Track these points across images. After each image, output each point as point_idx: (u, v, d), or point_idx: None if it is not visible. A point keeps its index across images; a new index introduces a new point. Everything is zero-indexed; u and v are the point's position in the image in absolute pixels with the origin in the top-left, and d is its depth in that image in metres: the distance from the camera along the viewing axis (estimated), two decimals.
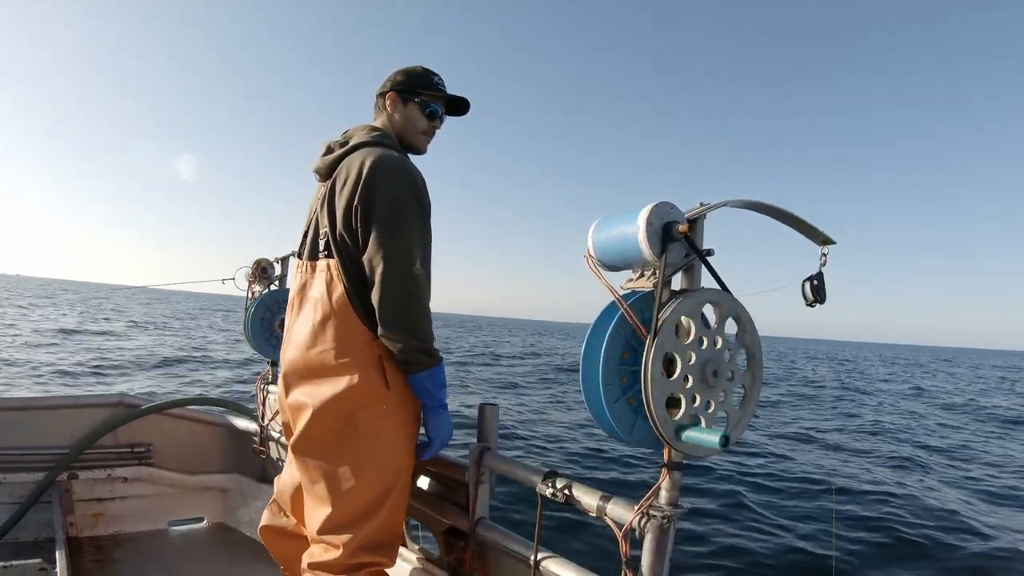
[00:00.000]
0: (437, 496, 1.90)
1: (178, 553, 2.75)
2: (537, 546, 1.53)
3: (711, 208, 1.16)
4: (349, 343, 1.56)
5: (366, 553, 1.56)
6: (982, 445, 11.00)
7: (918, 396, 20.18)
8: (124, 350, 16.97)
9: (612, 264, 1.25)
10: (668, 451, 1.18)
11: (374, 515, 1.56)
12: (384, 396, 1.56)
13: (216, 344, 21.38)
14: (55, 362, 13.39)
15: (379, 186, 1.53)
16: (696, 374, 1.14)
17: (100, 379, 11.93)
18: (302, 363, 1.61)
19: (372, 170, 1.54)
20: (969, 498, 6.91)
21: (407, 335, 1.51)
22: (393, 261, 1.50)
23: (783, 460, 8.05)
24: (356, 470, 1.55)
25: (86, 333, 21.56)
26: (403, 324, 1.51)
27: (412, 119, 1.75)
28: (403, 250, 1.51)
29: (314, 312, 1.61)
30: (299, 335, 1.64)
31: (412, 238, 1.53)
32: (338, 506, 1.56)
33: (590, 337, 1.19)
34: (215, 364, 15.76)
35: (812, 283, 1.15)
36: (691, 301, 1.14)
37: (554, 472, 1.51)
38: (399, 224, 1.52)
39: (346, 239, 1.57)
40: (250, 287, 2.94)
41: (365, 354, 1.56)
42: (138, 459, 2.82)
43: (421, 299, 1.53)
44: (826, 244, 1.17)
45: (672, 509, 1.19)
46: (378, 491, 1.57)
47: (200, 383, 12.03)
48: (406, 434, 1.61)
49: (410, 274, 1.51)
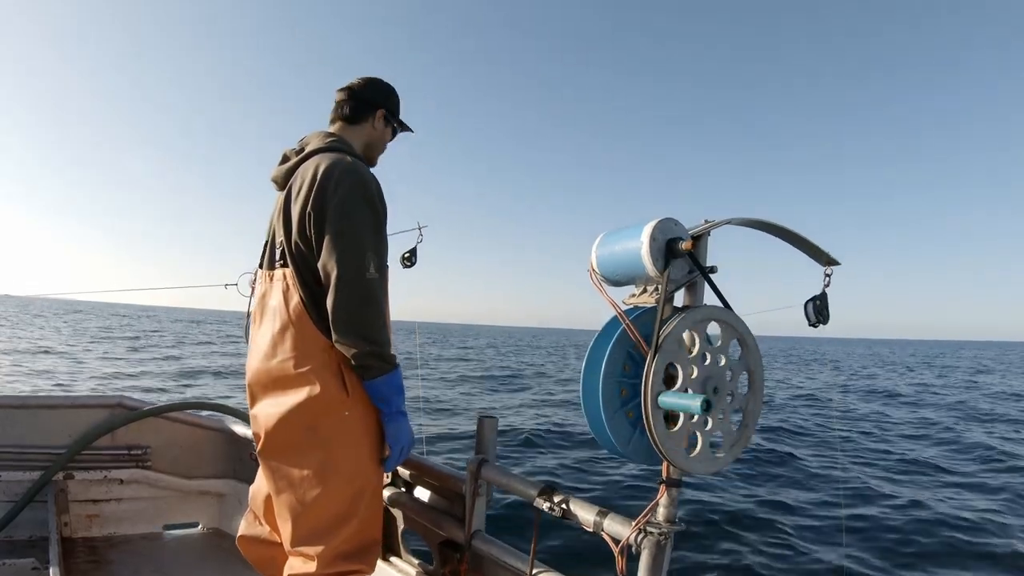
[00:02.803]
0: (434, 508, 1.89)
1: (172, 557, 2.74)
2: (533, 560, 1.52)
3: (715, 225, 1.16)
4: (307, 351, 1.56)
5: (343, 561, 1.56)
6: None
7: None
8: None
9: (615, 279, 1.25)
10: (666, 467, 1.18)
11: (346, 523, 1.56)
12: (344, 402, 1.56)
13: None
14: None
15: (331, 191, 1.53)
16: (696, 388, 1.14)
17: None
18: (264, 373, 1.61)
19: (325, 175, 1.54)
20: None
21: (361, 340, 1.50)
22: (346, 266, 1.50)
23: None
24: (322, 478, 1.55)
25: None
26: (356, 329, 1.50)
27: (384, 139, 1.82)
28: (356, 255, 1.51)
29: (273, 322, 1.61)
30: (260, 345, 1.64)
31: (365, 243, 1.53)
32: (308, 515, 1.56)
33: (592, 349, 1.19)
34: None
35: (815, 304, 1.15)
36: (693, 318, 1.14)
37: (551, 487, 1.51)
38: (352, 229, 1.52)
39: (300, 246, 1.57)
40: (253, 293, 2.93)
41: (323, 361, 1.55)
42: (135, 461, 2.81)
43: (375, 304, 1.53)
44: (830, 264, 1.17)
45: (670, 526, 1.18)
46: (347, 498, 1.57)
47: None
48: (368, 440, 1.61)
49: (363, 279, 1.51)
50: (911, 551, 5.12)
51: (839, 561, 4.82)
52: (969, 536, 5.48)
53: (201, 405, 3.11)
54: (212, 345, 29.81)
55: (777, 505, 6.20)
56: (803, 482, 7.31)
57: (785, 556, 4.88)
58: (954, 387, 22.61)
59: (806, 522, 5.73)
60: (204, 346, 28.66)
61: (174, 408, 2.91)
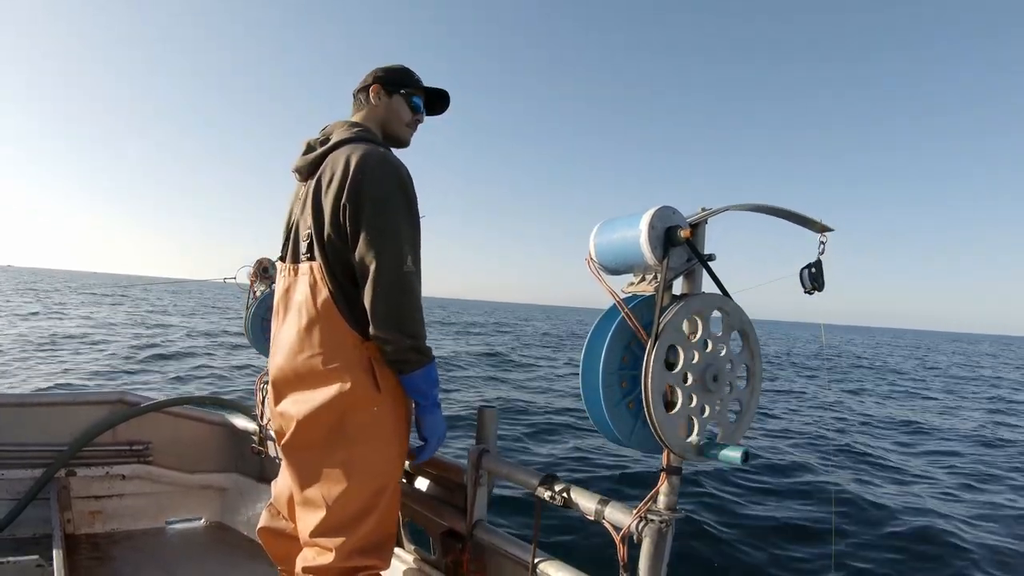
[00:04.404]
0: (435, 498, 1.90)
1: (175, 551, 2.75)
2: (535, 549, 1.53)
3: (713, 213, 1.16)
4: (337, 347, 1.54)
5: (360, 556, 1.55)
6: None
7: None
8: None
9: (614, 268, 1.25)
10: (667, 455, 1.18)
11: (367, 518, 1.56)
12: (375, 399, 1.54)
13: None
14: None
15: (367, 183, 1.50)
16: (696, 374, 1.14)
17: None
18: (290, 370, 1.59)
19: (359, 167, 1.51)
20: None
21: (400, 334, 1.49)
22: (384, 259, 1.48)
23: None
24: (348, 473, 1.54)
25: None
26: (396, 322, 1.49)
27: (397, 110, 1.75)
28: (394, 248, 1.49)
29: (299, 317, 1.59)
30: (285, 341, 1.62)
31: (402, 235, 1.51)
32: (330, 510, 1.55)
33: (590, 340, 1.19)
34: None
35: (810, 271, 1.14)
36: (692, 306, 1.14)
37: (552, 476, 1.51)
38: (388, 221, 1.50)
39: (334, 239, 1.54)
40: (252, 286, 2.93)
41: (354, 357, 1.54)
42: (137, 457, 2.82)
43: (413, 296, 1.52)
44: (824, 232, 1.15)
45: (671, 513, 1.19)
46: (370, 494, 1.56)
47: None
48: (397, 436, 1.60)
49: (401, 272, 1.49)
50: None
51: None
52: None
53: (202, 399, 3.11)
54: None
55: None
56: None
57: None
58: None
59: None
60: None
61: (175, 403, 2.92)
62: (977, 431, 10.96)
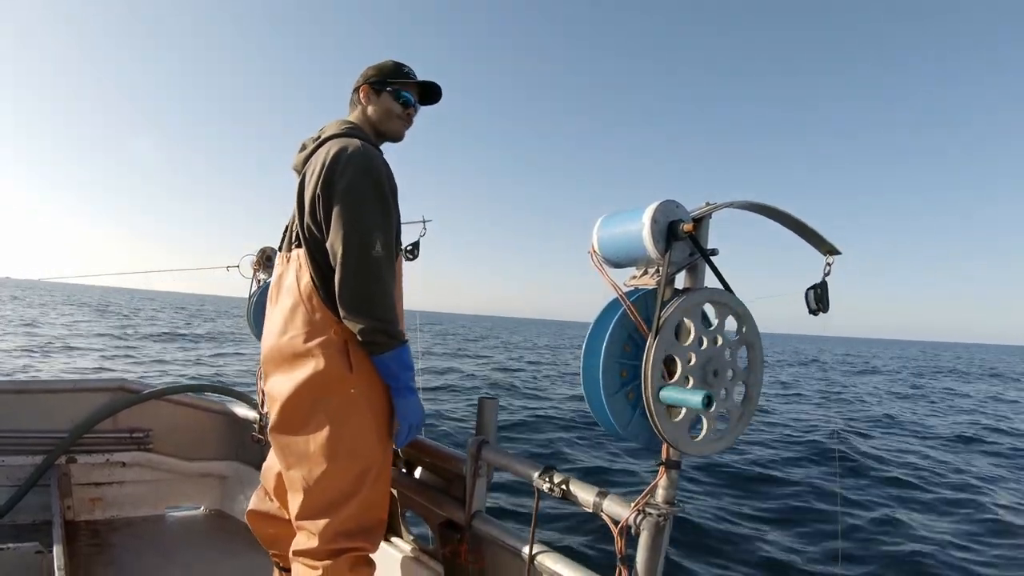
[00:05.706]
0: (434, 489, 1.90)
1: (175, 538, 2.76)
2: (533, 540, 1.53)
3: (716, 208, 1.16)
4: (316, 328, 1.60)
5: (345, 538, 1.58)
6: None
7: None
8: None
9: (616, 261, 1.25)
10: (666, 449, 1.18)
11: (349, 500, 1.59)
12: (348, 380, 1.58)
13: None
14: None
15: (338, 173, 1.57)
16: (697, 375, 1.14)
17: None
18: (276, 350, 1.66)
19: (334, 159, 1.59)
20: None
21: (367, 316, 1.53)
22: (351, 244, 1.53)
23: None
24: (328, 455, 1.58)
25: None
26: (362, 305, 1.53)
27: (386, 107, 1.80)
28: (362, 233, 1.54)
29: (286, 300, 1.67)
30: (273, 323, 1.70)
31: (371, 222, 1.56)
32: (311, 492, 1.59)
33: (592, 331, 1.19)
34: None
35: (815, 292, 1.15)
36: (693, 300, 1.14)
37: (551, 467, 1.52)
38: (356, 208, 1.56)
39: (312, 228, 1.62)
40: (255, 275, 2.94)
41: (330, 338, 1.59)
42: (137, 444, 2.83)
43: (382, 281, 1.56)
44: (831, 254, 1.16)
45: (669, 507, 1.19)
46: (352, 476, 1.60)
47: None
48: (377, 420, 1.63)
49: (369, 257, 1.54)
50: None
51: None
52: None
53: (202, 387, 3.12)
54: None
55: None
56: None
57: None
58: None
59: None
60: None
61: (176, 390, 2.93)
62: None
